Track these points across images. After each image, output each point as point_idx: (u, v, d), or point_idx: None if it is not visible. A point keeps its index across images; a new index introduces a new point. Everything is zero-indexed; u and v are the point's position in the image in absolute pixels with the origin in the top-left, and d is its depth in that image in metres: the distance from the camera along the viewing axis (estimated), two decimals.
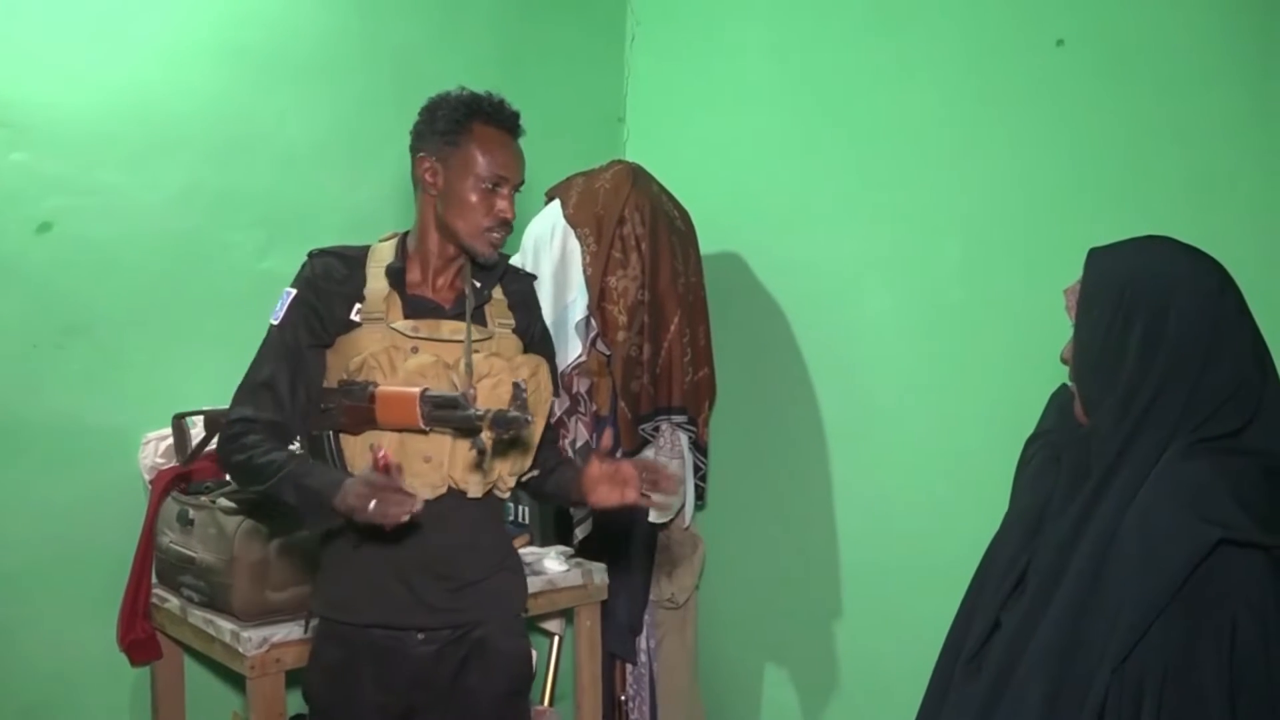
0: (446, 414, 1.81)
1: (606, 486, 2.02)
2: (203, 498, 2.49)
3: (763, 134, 3.29)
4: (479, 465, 1.96)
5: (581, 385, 3.07)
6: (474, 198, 1.98)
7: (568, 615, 3.08)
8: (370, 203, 3.10)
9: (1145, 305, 1.49)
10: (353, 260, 2.05)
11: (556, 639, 3.20)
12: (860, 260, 3.03)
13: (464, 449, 1.97)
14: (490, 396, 1.97)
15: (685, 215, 3.19)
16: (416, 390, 1.83)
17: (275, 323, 2.02)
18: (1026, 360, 1.69)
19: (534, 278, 2.31)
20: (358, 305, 2.00)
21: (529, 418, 1.77)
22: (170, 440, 2.69)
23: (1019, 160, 2.68)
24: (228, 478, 2.50)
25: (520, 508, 3.05)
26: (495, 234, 2.01)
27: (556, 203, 3.12)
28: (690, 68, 3.53)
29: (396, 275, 2.02)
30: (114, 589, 2.64)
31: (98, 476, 2.68)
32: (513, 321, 2.11)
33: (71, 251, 2.63)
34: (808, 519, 3.18)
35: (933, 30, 2.85)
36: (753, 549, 3.33)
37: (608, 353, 3.01)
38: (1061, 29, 2.59)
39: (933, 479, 2.84)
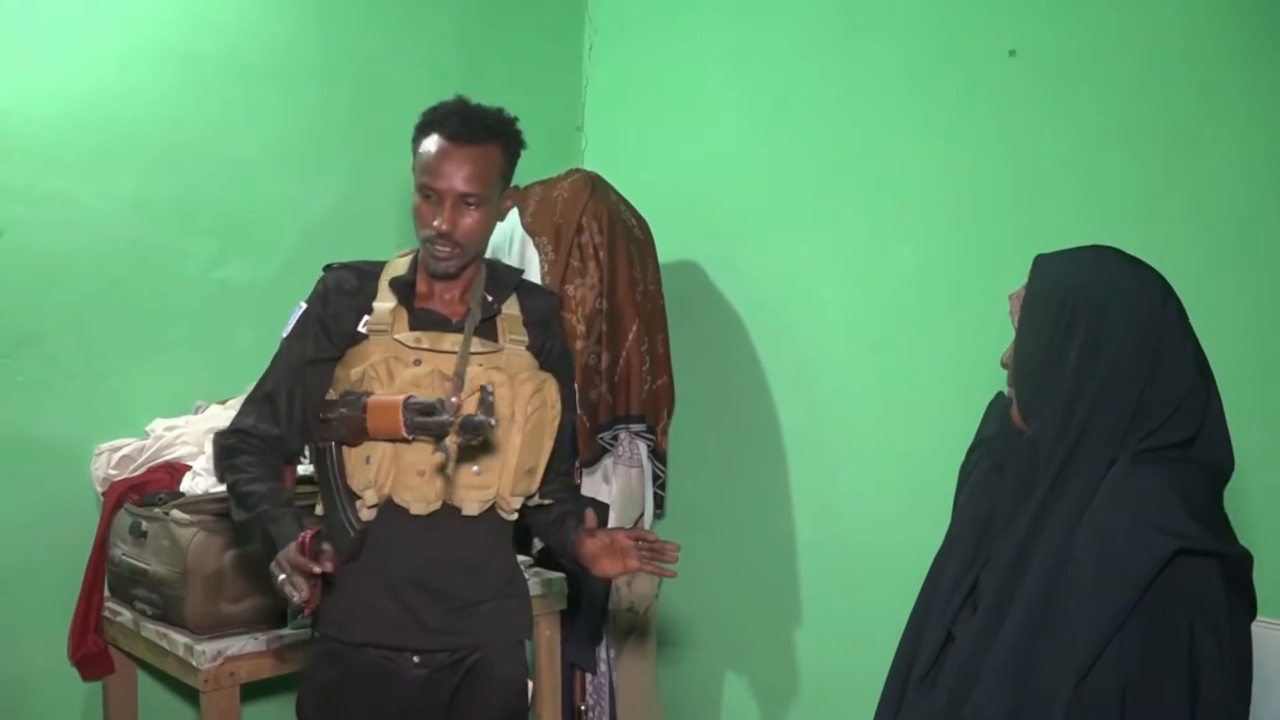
0: (425, 421, 1.80)
1: (607, 560, 2.00)
2: (156, 509, 2.46)
3: (720, 143, 3.31)
4: (442, 470, 1.91)
5: None
6: (417, 207, 1.95)
7: None
8: (326, 211, 3.08)
9: (1087, 312, 1.50)
10: (366, 274, 2.04)
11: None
12: (816, 269, 3.05)
13: (464, 463, 1.94)
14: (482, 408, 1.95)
15: (643, 224, 3.20)
16: (400, 398, 1.83)
17: (285, 336, 2.01)
18: (977, 368, 1.71)
19: (555, 296, 2.25)
20: (366, 318, 1.99)
21: (493, 421, 1.72)
22: (124, 451, 2.66)
23: (971, 170, 2.71)
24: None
25: None
26: (436, 247, 1.93)
27: (514, 211, 3.11)
28: (649, 77, 3.54)
29: (404, 289, 2.00)
30: (65, 602, 2.60)
31: (49, 488, 2.65)
32: (526, 339, 2.06)
33: (21, 260, 2.60)
34: (766, 527, 3.19)
35: (886, 41, 2.88)
36: (712, 557, 3.33)
37: None
38: (1014, 40, 2.62)
39: (885, 486, 2.86)
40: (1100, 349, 1.48)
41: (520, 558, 2.96)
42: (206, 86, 2.88)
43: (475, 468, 1.95)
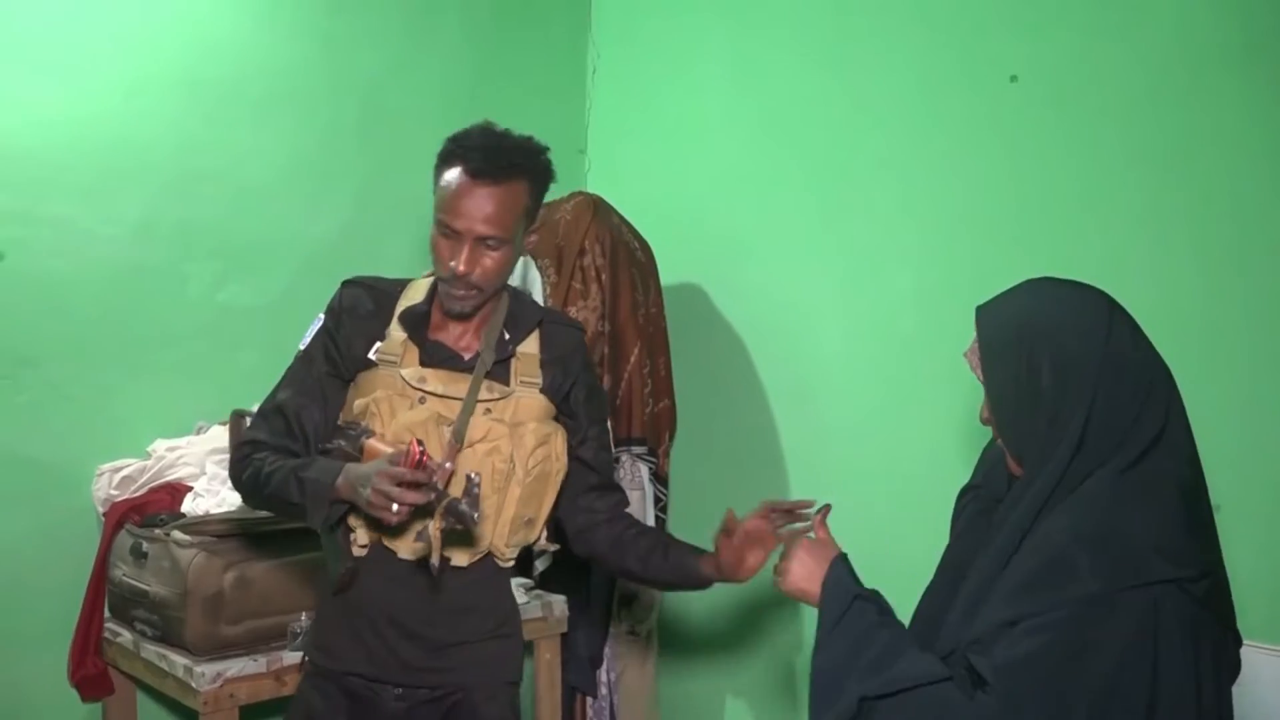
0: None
1: (751, 555, 1.92)
2: (157, 530, 2.46)
3: (722, 167, 3.32)
4: (425, 564, 1.77)
5: None
6: (436, 245, 1.86)
7: (528, 648, 3.05)
8: (330, 235, 3.09)
9: (1043, 343, 1.50)
10: (383, 295, 1.97)
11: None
12: (817, 292, 3.06)
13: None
14: (482, 463, 1.86)
15: (646, 247, 3.21)
16: (392, 451, 1.74)
17: (301, 348, 1.97)
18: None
19: (580, 329, 2.14)
20: (378, 344, 1.92)
21: (476, 516, 1.66)
22: (125, 472, 2.66)
23: (972, 193, 2.72)
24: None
25: None
26: (453, 290, 1.85)
27: None
28: (651, 100, 3.55)
29: (415, 320, 1.92)
30: (65, 623, 2.60)
31: (50, 509, 2.65)
32: (539, 380, 1.97)
33: (24, 283, 2.61)
34: None
35: (889, 66, 2.89)
36: None
37: None
38: (1015, 65, 2.63)
39: (885, 508, 2.85)
40: (1067, 371, 1.48)
41: (520, 580, 2.97)
42: (211, 111, 2.89)
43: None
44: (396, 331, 1.92)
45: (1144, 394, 1.47)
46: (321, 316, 1.97)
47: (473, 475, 1.67)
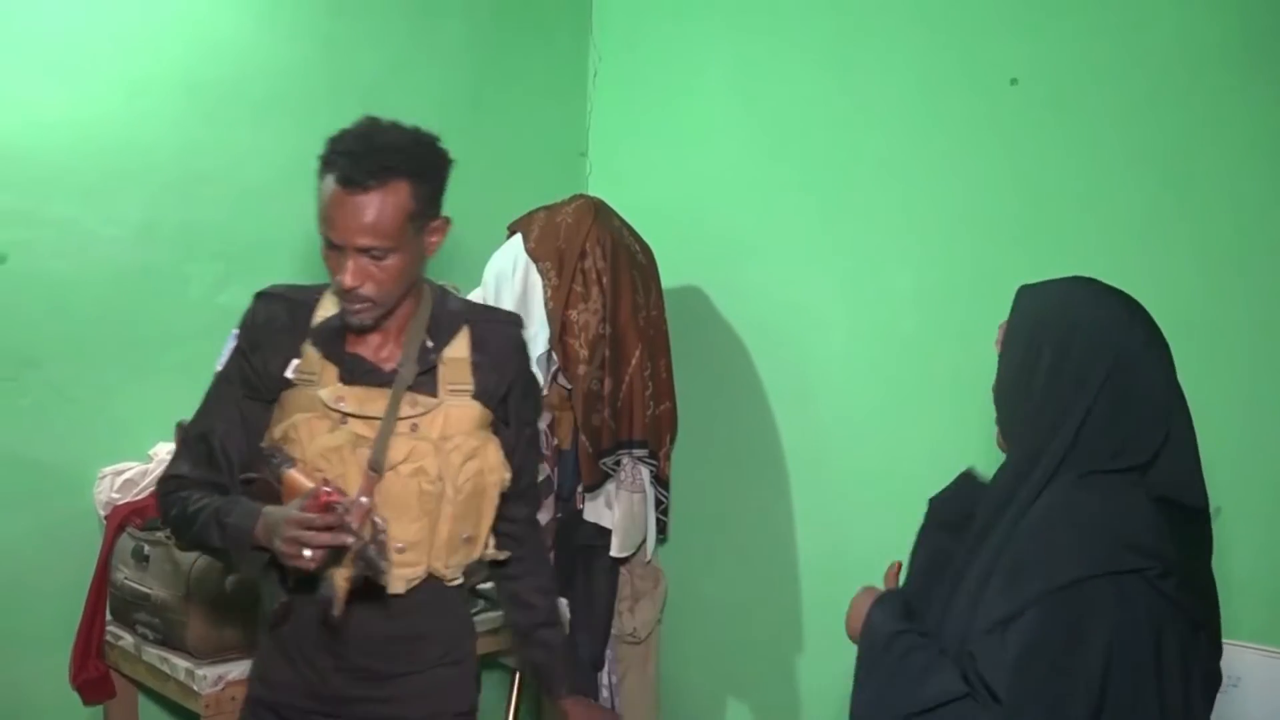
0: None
1: None
2: (158, 533, 2.47)
3: (723, 169, 3.32)
4: (327, 620, 1.66)
5: (543, 420, 3.07)
6: (325, 257, 1.72)
7: None
8: None
9: (1049, 341, 1.55)
10: (299, 307, 1.82)
11: (517, 675, 3.18)
12: (819, 294, 3.06)
13: (388, 541, 1.72)
14: (406, 487, 1.74)
15: (647, 249, 3.21)
16: (312, 486, 1.63)
17: (218, 369, 1.86)
18: (979, 391, 1.73)
19: (517, 324, 1.99)
20: (295, 362, 1.78)
21: (384, 566, 1.58)
22: (127, 475, 2.66)
23: (972, 196, 2.72)
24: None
25: None
26: (347, 304, 1.72)
27: (518, 237, 3.12)
28: (652, 103, 3.55)
29: (329, 336, 1.78)
30: (67, 626, 2.60)
31: (51, 512, 2.65)
32: (471, 385, 1.83)
33: (26, 284, 2.61)
34: (769, 552, 3.18)
35: (890, 68, 2.89)
36: (715, 583, 3.32)
37: (569, 387, 3.01)
38: (1015, 68, 2.63)
39: (888, 509, 2.83)
40: (1061, 373, 1.53)
41: None
42: (212, 113, 2.89)
43: (400, 544, 1.75)
44: (312, 348, 1.78)
45: (1146, 414, 1.51)
46: (235, 333, 1.85)
47: (379, 521, 1.61)
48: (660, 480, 3.16)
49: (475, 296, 3.20)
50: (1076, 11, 2.55)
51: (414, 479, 1.75)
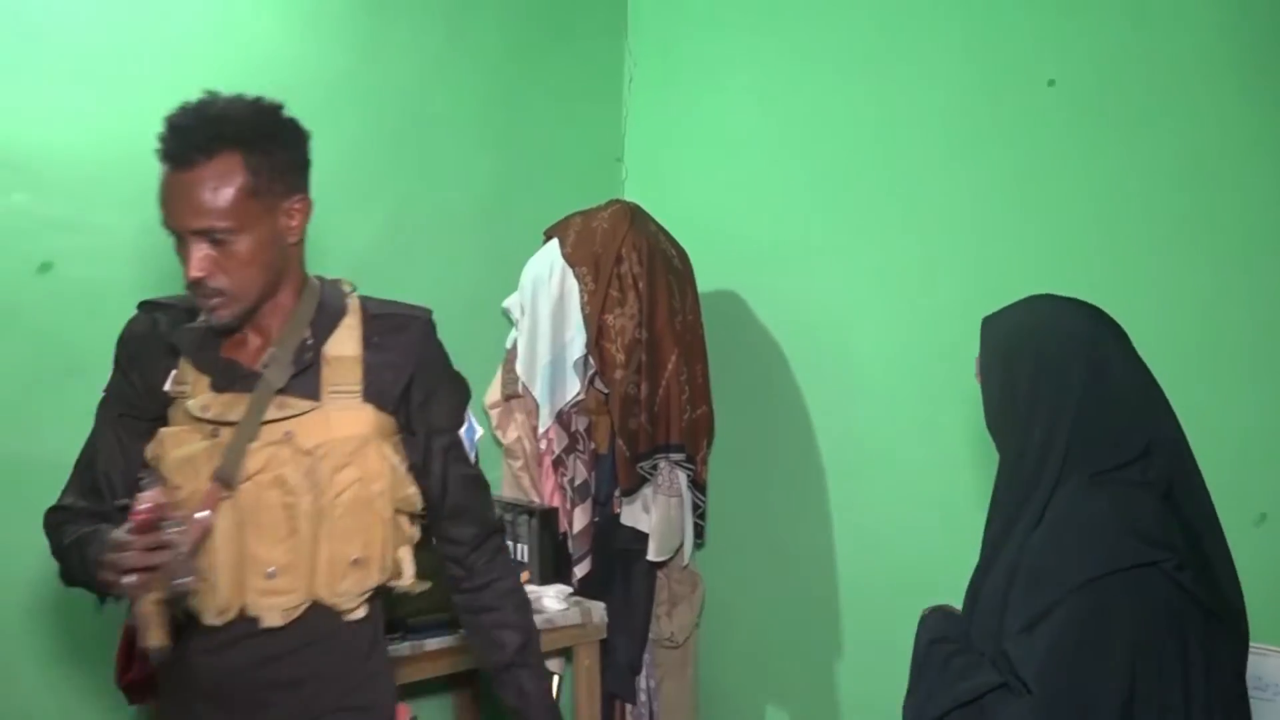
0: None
1: None
2: None
3: (759, 174, 3.32)
4: (150, 654, 1.45)
5: (580, 424, 3.08)
6: (176, 250, 1.57)
7: (566, 654, 3.06)
8: (366, 243, 3.10)
9: (1025, 355, 1.62)
10: (180, 315, 1.66)
11: (556, 679, 3.19)
12: (855, 298, 3.05)
13: (255, 563, 1.56)
14: (262, 499, 1.56)
15: (683, 254, 3.21)
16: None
17: (103, 391, 1.72)
18: None
19: (421, 314, 1.77)
20: (173, 373, 1.63)
21: (186, 584, 1.40)
22: None
23: (1011, 200, 2.70)
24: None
25: (518, 545, 3.05)
26: (204, 300, 1.55)
27: (555, 242, 3.14)
28: (688, 108, 3.56)
29: (194, 340, 1.62)
30: (113, 627, 2.63)
31: None
32: (358, 386, 1.63)
33: (71, 291, 2.65)
34: (807, 557, 3.17)
35: (926, 71, 2.88)
36: (752, 587, 3.32)
37: (606, 391, 3.02)
38: (1053, 69, 2.61)
39: (927, 517, 2.84)
40: (1043, 385, 1.59)
41: (559, 586, 2.97)
42: None
43: (270, 569, 1.56)
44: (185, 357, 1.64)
45: (1132, 401, 1.56)
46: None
47: (183, 526, 1.43)
48: (697, 484, 3.17)
49: (512, 302, 3.22)
50: (1115, 12, 2.52)
51: (272, 490, 1.57)
